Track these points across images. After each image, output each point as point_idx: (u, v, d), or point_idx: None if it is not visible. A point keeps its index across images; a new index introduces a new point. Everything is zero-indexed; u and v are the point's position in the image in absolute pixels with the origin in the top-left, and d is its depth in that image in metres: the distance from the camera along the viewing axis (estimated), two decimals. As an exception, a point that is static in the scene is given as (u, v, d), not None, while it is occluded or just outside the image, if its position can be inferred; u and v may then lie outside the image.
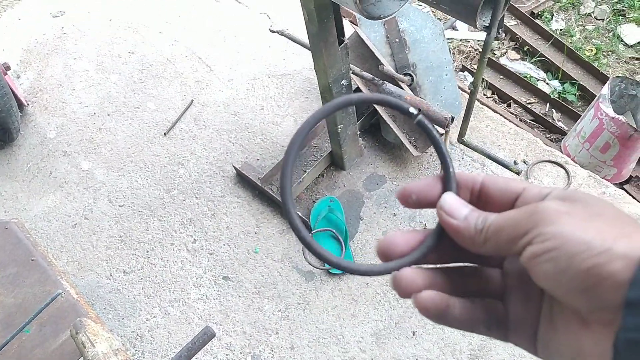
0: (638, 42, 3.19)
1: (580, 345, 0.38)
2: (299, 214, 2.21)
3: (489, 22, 1.34)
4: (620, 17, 3.30)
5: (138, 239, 2.30)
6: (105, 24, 3.04)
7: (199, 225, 2.32)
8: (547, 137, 2.91)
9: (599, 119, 2.50)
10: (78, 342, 1.40)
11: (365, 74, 1.98)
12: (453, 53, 3.17)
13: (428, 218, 2.21)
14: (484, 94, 3.07)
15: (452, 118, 1.84)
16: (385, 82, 1.93)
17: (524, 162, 2.29)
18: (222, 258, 2.22)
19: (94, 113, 2.69)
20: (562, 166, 2.26)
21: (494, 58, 3.16)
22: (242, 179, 2.39)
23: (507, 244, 0.40)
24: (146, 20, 3.03)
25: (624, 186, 2.67)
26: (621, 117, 2.42)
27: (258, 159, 2.46)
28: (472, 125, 2.43)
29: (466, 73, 3.12)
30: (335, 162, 2.38)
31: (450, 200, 0.44)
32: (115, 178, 2.47)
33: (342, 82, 1.96)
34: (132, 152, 2.55)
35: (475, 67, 3.16)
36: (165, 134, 2.59)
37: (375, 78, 1.96)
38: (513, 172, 1.97)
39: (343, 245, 2.15)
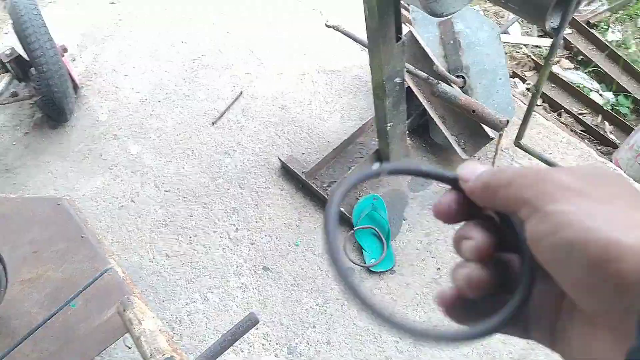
0: (698, 57, 3.09)
1: (590, 349, 0.32)
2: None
3: (557, 24, 1.31)
4: (681, 31, 3.20)
5: (182, 225, 2.34)
6: (160, 13, 3.09)
7: (242, 214, 2.34)
8: (597, 149, 2.84)
9: (655, 133, 2.43)
10: (125, 318, 1.43)
11: (420, 72, 1.97)
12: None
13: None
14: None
15: (507, 121, 1.81)
16: (440, 82, 1.92)
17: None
18: (263, 248, 2.23)
19: (145, 99, 2.74)
20: (614, 178, 2.20)
21: (546, 66, 3.10)
22: (286, 172, 2.40)
23: (515, 204, 0.34)
24: (200, 11, 3.07)
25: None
26: (678, 132, 2.35)
27: (303, 153, 2.47)
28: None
29: (517, 79, 3.07)
30: (381, 161, 2.37)
31: (467, 164, 0.40)
32: (162, 164, 2.51)
33: (396, 79, 1.95)
34: (180, 139, 2.59)
35: (527, 73, 3.12)
36: (213, 123, 2.62)
37: (430, 77, 1.94)
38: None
39: (385, 244, 2.14)
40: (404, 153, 2.36)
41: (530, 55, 3.16)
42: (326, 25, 2.24)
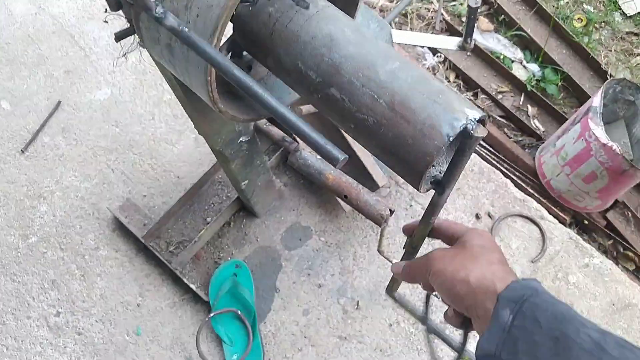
0: (638, 13, 2.57)
1: (478, 328, 0.66)
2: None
3: (440, 176, 0.74)
4: (618, -22, 2.64)
5: (-16, 308, 1.74)
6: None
7: (65, 290, 1.76)
8: (518, 142, 2.36)
9: (586, 142, 1.96)
10: None
11: (274, 131, 1.37)
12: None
13: (361, 293, 1.71)
14: (447, 78, 2.46)
15: (391, 212, 1.27)
16: (299, 146, 1.33)
17: (489, 215, 1.77)
18: (94, 341, 1.69)
19: None
20: (536, 223, 1.75)
21: (460, 28, 2.51)
22: (123, 225, 1.80)
23: (421, 278, 0.75)
24: (0, -28, 2.23)
25: (606, 214, 2.20)
26: (615, 146, 1.89)
27: (145, 195, 1.86)
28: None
29: (425, 49, 2.48)
30: (245, 207, 1.81)
31: (395, 266, 0.85)
32: (-47, 216, 1.85)
33: (241, 139, 1.35)
34: (-23, 176, 1.90)
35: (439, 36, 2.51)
36: (22, 150, 1.93)
37: (287, 139, 1.35)
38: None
39: (250, 331, 1.64)
40: (274, 200, 1.80)
41: (443, 15, 2.54)
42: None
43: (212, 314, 1.64)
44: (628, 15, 2.58)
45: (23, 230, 1.84)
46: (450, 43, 1.74)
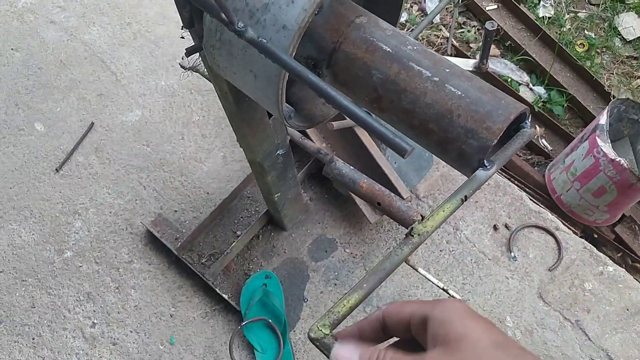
0: (637, 38, 2.71)
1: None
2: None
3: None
4: (618, 2, 2.78)
5: (21, 320, 1.80)
6: (-20, 5, 2.35)
7: (100, 302, 1.82)
8: (527, 160, 2.46)
9: (595, 158, 2.06)
10: None
11: (309, 144, 1.46)
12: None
13: (386, 302, 1.78)
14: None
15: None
16: (335, 158, 1.42)
17: (506, 226, 1.86)
18: (129, 350, 1.75)
19: (-36, 136, 2.08)
20: (552, 234, 1.84)
21: (469, 53, 2.64)
22: (155, 238, 1.88)
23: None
24: (34, 2, 2.35)
25: (615, 228, 2.28)
26: (623, 161, 1.99)
27: (176, 210, 1.95)
28: (443, 172, 1.96)
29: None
30: (273, 221, 1.90)
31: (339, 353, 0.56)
32: (-10, 232, 1.92)
33: (278, 152, 1.44)
34: (13, 194, 1.98)
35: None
36: (57, 169, 2.02)
37: (322, 151, 1.44)
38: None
39: (281, 339, 1.71)
40: (301, 210, 1.88)
41: (452, 41, 2.67)
42: (181, 67, 1.64)
43: (244, 322, 1.71)
44: (627, 40, 2.71)
45: (58, 245, 1.91)
46: (466, 64, 1.85)
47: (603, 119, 2.08)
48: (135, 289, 1.84)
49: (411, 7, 2.80)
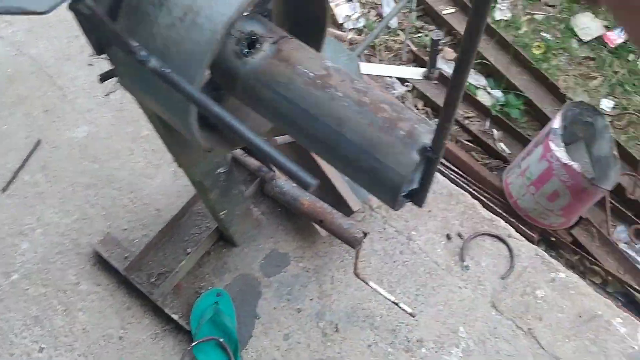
0: (594, 39, 2.72)
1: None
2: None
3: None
4: (575, 4, 2.79)
5: (-34, 347, 1.75)
6: None
7: (47, 325, 1.78)
8: (486, 164, 2.46)
9: (549, 162, 2.06)
10: None
11: (250, 161, 1.44)
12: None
13: (340, 316, 1.76)
14: (415, 106, 2.56)
15: (365, 235, 1.34)
16: (275, 175, 1.40)
17: (459, 235, 1.85)
18: (77, 375, 1.71)
19: None
20: (504, 241, 1.83)
21: (427, 58, 2.62)
22: (102, 259, 1.84)
23: None
24: (-22, 16, 2.29)
25: (571, 231, 2.29)
26: (575, 166, 1.99)
27: (125, 228, 1.90)
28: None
29: (394, 79, 2.58)
30: (224, 237, 1.86)
31: None
32: None
33: (219, 170, 1.41)
34: (-43, 216, 1.93)
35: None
36: (3, 189, 1.96)
37: (263, 168, 1.42)
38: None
39: (232, 358, 1.68)
40: (253, 225, 1.85)
41: (409, 46, 2.66)
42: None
43: (194, 343, 1.68)
44: (584, 41, 2.72)
45: (5, 267, 1.86)
46: (415, 73, 1.83)
47: (556, 122, 2.08)
48: (83, 312, 1.79)
49: (369, 12, 2.78)
